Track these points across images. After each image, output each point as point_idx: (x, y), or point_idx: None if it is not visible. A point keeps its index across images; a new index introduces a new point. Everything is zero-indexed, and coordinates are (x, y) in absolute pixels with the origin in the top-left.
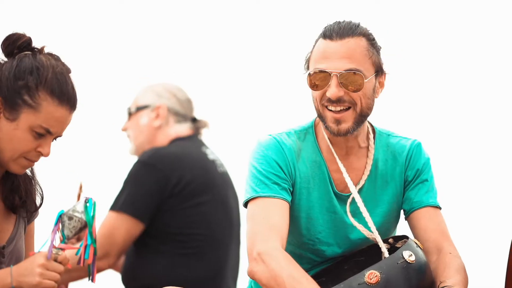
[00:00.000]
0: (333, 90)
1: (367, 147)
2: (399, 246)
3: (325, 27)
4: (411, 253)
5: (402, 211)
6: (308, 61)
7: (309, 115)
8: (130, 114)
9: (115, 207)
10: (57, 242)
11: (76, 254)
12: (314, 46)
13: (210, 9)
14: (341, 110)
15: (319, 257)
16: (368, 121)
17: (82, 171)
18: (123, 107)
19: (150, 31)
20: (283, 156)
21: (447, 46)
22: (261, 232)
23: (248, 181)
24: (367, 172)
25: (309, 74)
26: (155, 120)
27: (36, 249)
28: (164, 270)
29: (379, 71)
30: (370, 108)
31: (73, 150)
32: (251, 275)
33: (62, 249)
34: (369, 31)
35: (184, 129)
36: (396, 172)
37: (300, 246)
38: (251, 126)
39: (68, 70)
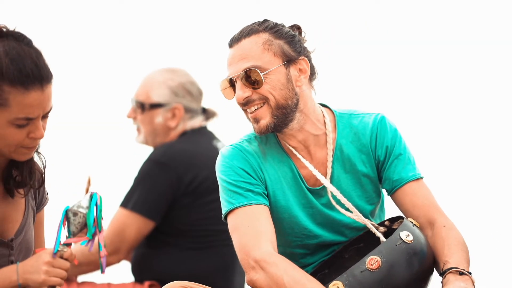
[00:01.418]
0: (238, 93)
1: (325, 133)
2: (396, 227)
3: None
4: (408, 233)
5: (384, 190)
6: None
7: None
8: (143, 108)
9: (127, 205)
10: (63, 239)
11: (82, 244)
12: None
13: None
14: (256, 109)
15: (311, 250)
16: (323, 105)
17: (91, 165)
18: (127, 103)
19: (150, 28)
20: (248, 163)
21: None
22: (251, 240)
23: (222, 195)
24: (330, 159)
25: (220, 87)
26: (171, 120)
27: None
28: (174, 263)
29: (291, 60)
30: (287, 99)
31: (81, 146)
32: (251, 284)
33: (68, 246)
34: (276, 23)
35: (196, 122)
36: (363, 153)
37: (289, 245)
38: None
39: (25, 47)
